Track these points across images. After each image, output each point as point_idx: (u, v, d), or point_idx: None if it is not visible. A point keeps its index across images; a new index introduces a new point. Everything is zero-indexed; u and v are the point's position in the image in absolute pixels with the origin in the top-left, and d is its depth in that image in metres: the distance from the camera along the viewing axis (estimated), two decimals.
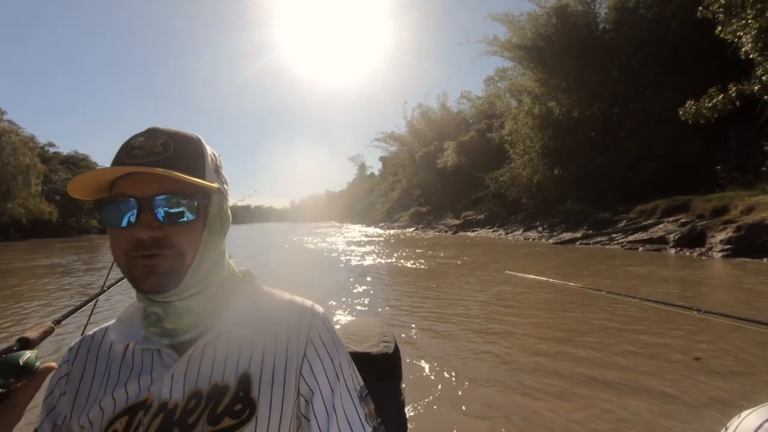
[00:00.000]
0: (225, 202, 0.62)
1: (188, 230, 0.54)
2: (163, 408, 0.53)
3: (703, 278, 6.74)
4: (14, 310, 6.00)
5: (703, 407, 2.41)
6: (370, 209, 60.46)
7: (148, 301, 0.57)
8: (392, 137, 49.99)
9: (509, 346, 3.60)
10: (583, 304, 5.00)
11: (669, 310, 4.14)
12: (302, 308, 0.63)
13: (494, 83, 30.77)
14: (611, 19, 19.61)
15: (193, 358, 0.56)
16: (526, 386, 2.78)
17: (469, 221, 24.92)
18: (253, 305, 0.62)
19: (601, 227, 14.02)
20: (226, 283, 0.63)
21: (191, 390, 0.54)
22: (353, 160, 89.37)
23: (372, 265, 10.40)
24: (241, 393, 0.54)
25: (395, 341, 0.87)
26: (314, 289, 6.79)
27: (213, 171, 0.60)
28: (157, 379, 0.55)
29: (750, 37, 7.88)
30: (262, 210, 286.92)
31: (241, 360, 0.56)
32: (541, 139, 20.72)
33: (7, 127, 39.29)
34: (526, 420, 2.35)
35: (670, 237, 10.41)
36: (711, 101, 9.41)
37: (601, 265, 8.47)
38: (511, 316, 4.68)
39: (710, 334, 3.68)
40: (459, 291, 6.36)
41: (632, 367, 3.02)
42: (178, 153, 0.55)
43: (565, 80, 19.95)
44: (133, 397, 0.55)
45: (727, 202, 10.30)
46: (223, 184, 0.62)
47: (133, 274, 0.52)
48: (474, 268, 8.77)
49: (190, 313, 0.57)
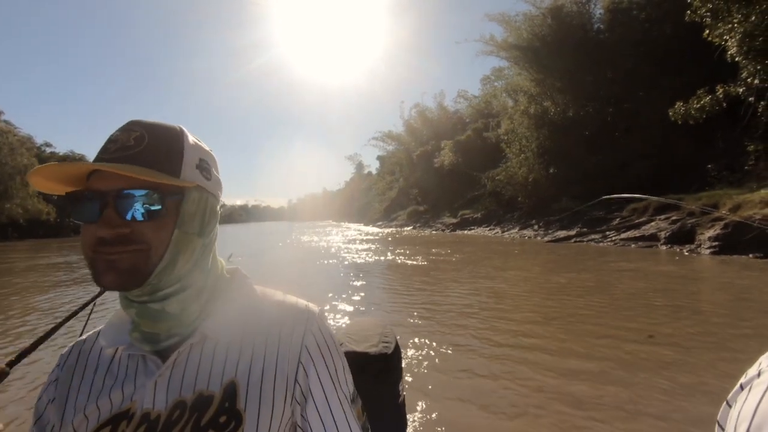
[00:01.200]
0: (210, 199, 0.59)
1: (155, 227, 0.51)
2: (145, 418, 0.51)
3: (683, 274, 7.01)
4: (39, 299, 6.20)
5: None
6: (367, 208, 60.60)
7: (125, 302, 0.55)
8: (390, 136, 50.24)
9: (487, 322, 3.86)
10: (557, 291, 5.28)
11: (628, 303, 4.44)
12: (296, 310, 0.60)
13: (491, 82, 31.09)
14: (606, 19, 19.88)
15: (177, 365, 0.54)
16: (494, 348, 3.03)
17: (466, 220, 25.16)
18: (242, 307, 0.59)
19: (595, 225, 14.28)
20: (215, 284, 0.60)
21: (175, 399, 0.52)
22: (351, 159, 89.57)
23: (370, 261, 10.62)
24: (226, 404, 0.51)
25: (396, 342, 0.87)
26: (315, 284, 7.00)
27: (193, 166, 0.56)
28: (141, 387, 0.53)
29: (735, 40, 8.15)
30: (260, 209, 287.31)
31: (227, 367, 0.53)
32: (536, 139, 20.98)
33: (4, 128, 39.27)
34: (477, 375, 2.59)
35: (661, 234, 10.68)
36: (699, 102, 9.68)
37: (590, 262, 8.73)
38: (491, 298, 4.95)
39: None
40: (453, 284, 6.60)
41: (594, 340, 3.28)
42: (150, 147, 0.52)
43: (560, 80, 20.20)
44: (117, 405, 0.53)
45: (716, 200, 10.58)
46: (207, 181, 0.58)
47: (94, 267, 0.50)
48: (467, 264, 9.01)
49: (167, 316, 0.54)
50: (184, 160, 0.55)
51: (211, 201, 0.59)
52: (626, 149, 16.41)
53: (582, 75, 19.05)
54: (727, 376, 2.76)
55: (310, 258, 12.80)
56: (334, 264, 10.80)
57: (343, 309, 5.44)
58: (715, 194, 10.99)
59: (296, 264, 11.72)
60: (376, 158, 62.31)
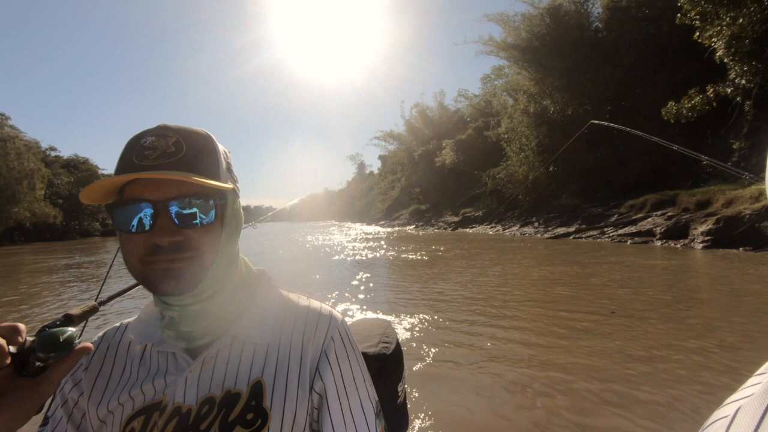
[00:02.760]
0: (238, 200, 0.61)
1: (207, 233, 0.53)
2: (177, 412, 0.53)
3: (665, 266, 7.31)
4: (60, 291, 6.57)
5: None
6: (369, 208, 60.94)
7: (164, 304, 0.57)
8: (391, 136, 50.59)
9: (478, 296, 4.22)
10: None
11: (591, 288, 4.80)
12: (319, 316, 0.62)
13: (491, 81, 31.45)
14: (603, 18, 20.13)
15: (206, 363, 0.56)
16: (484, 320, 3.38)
17: (467, 218, 25.47)
18: (269, 310, 0.61)
19: (593, 222, 14.58)
20: (243, 285, 0.63)
21: (204, 395, 0.54)
22: (352, 158, 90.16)
23: (374, 257, 10.96)
24: (253, 402, 0.53)
25: (397, 342, 0.88)
26: (323, 280, 7.35)
27: (226, 170, 0.58)
28: (172, 382, 0.55)
29: (723, 43, 8.43)
30: (262, 210, 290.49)
31: (254, 367, 0.56)
32: (536, 137, 21.26)
33: (10, 133, 39.89)
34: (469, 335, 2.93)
35: (657, 230, 10.98)
36: (690, 102, 9.96)
37: (581, 257, 9.05)
38: (483, 286, 5.30)
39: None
40: (449, 275, 6.94)
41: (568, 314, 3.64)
42: (191, 153, 0.53)
43: (559, 79, 20.48)
44: (150, 397, 0.55)
45: (710, 196, 10.86)
46: (235, 183, 0.61)
47: (149, 277, 0.51)
48: (465, 259, 9.33)
49: (206, 315, 0.57)
50: (220, 165, 0.56)
51: (239, 201, 0.61)
52: (624, 146, 16.68)
53: (580, 73, 19.33)
54: (659, 330, 3.74)
55: (319, 255, 13.15)
56: (341, 260, 11.15)
57: (352, 297, 5.79)
58: (709, 190, 11.27)
59: (307, 261, 12.08)
60: (378, 158, 62.72)
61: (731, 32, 8.01)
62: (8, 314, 5.93)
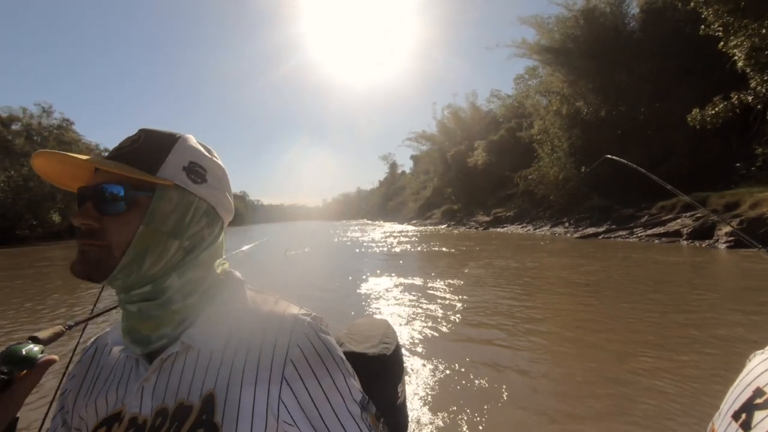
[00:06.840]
0: (198, 203, 0.57)
1: (119, 223, 0.51)
2: (132, 423, 0.51)
3: (679, 262, 7.92)
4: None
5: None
6: (401, 207, 61.96)
7: (119, 302, 0.56)
8: (423, 136, 51.32)
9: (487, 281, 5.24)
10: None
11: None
12: (282, 319, 0.55)
13: (524, 81, 31.52)
14: (639, 19, 20.09)
15: (162, 371, 0.53)
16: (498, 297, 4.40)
17: (498, 218, 26.01)
18: (229, 314, 0.56)
19: (624, 222, 14.93)
20: (205, 290, 0.58)
21: (158, 406, 0.51)
22: (384, 159, 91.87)
23: (408, 250, 12.07)
24: (204, 416, 0.49)
25: (397, 343, 0.88)
26: (369, 262, 8.57)
27: (179, 167, 0.55)
28: (130, 390, 0.54)
29: (743, 53, 8.81)
30: (296, 208, 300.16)
31: (208, 377, 0.51)
32: (568, 138, 21.53)
33: (74, 137, 44.27)
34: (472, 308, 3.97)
35: (684, 231, 11.37)
36: (714, 109, 10.29)
37: (602, 254, 9.72)
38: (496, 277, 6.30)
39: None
40: (478, 270, 7.95)
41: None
42: (140, 148, 0.54)
43: (593, 81, 20.62)
44: (111, 406, 0.54)
45: (739, 198, 11.14)
46: (195, 184, 0.56)
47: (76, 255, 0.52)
48: (488, 254, 10.25)
49: (145, 318, 0.54)
50: (167, 159, 0.54)
51: (199, 205, 0.57)
52: (658, 148, 16.77)
53: (614, 75, 19.43)
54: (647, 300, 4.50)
55: (361, 247, 14.45)
56: (380, 251, 12.36)
57: (390, 275, 6.98)
58: (738, 192, 11.50)
59: (354, 249, 13.40)
60: (410, 158, 63.68)
61: (751, 44, 8.38)
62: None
